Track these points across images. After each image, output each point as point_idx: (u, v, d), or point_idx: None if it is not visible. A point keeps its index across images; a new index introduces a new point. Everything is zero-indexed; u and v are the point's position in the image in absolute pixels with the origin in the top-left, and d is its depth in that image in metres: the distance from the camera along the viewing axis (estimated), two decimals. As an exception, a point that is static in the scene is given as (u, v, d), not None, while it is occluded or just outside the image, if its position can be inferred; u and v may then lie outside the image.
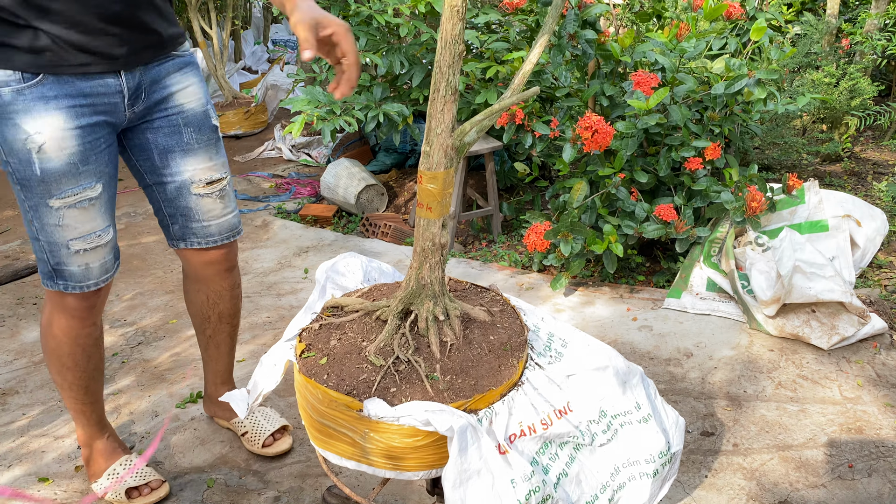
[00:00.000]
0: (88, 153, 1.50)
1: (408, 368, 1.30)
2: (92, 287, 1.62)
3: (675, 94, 2.77)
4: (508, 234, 3.46)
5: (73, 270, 1.58)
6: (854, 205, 2.87)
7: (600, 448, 1.37)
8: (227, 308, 1.93)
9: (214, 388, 2.07)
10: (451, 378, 1.29)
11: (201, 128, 1.69)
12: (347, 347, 1.36)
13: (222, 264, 1.85)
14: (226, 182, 1.77)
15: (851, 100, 3.90)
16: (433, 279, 1.34)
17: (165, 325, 2.74)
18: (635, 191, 2.79)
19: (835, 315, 2.39)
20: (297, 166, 4.62)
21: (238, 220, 1.84)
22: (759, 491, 1.82)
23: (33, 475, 1.98)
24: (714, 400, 2.17)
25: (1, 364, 2.51)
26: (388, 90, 3.32)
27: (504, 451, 1.25)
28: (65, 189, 1.49)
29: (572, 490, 1.33)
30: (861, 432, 2.01)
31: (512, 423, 1.28)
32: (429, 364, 1.31)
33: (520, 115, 2.87)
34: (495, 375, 1.30)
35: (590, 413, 1.36)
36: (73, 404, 1.80)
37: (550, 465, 1.31)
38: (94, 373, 1.78)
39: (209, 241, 1.79)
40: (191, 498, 1.88)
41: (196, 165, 1.70)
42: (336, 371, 1.31)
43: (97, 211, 1.56)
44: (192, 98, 1.68)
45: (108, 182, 1.58)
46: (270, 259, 3.26)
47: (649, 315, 2.63)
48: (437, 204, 1.30)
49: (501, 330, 1.40)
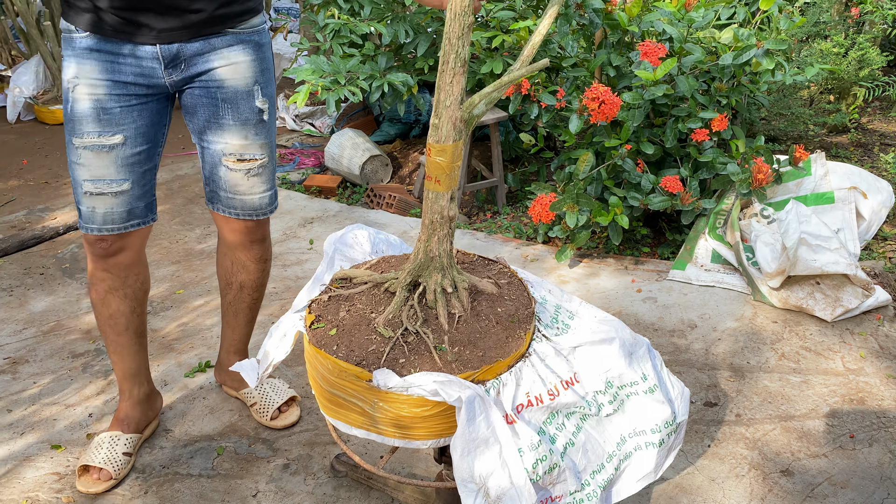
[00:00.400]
0: (113, 103, 1.62)
1: (416, 340, 1.32)
2: (94, 231, 1.70)
3: (683, 64, 2.75)
4: (513, 206, 3.46)
5: (82, 209, 1.69)
6: (860, 177, 2.86)
7: (607, 418, 1.39)
8: (250, 279, 1.95)
9: (227, 356, 2.09)
10: (459, 349, 1.30)
11: (240, 106, 1.70)
12: (356, 319, 1.37)
13: (247, 236, 1.88)
14: (259, 164, 1.77)
15: (860, 70, 3.87)
16: (441, 251, 1.35)
17: (172, 295, 2.76)
18: (641, 162, 2.78)
19: (839, 287, 2.40)
20: (300, 136, 4.60)
21: (268, 201, 1.84)
22: (760, 460, 1.85)
23: (46, 442, 2.01)
24: (717, 371, 2.19)
25: (10, 333, 2.54)
26: (393, 59, 3.29)
27: (511, 420, 1.27)
28: (86, 130, 1.62)
29: (579, 459, 1.35)
30: (863, 403, 2.03)
31: (519, 394, 1.30)
32: (437, 336, 1.32)
33: (526, 85, 2.85)
34: (503, 347, 1.32)
35: (596, 384, 1.37)
36: (107, 346, 1.92)
37: (557, 434, 1.32)
38: (110, 321, 1.84)
39: (231, 212, 1.83)
40: (201, 465, 1.91)
41: (229, 140, 1.73)
42: (346, 342, 1.32)
43: (112, 160, 1.65)
44: (237, 75, 1.68)
45: (134, 138, 1.66)
46: (275, 229, 3.27)
47: (654, 287, 2.64)
48: (445, 177, 1.30)
49: (509, 302, 1.41)
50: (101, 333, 1.89)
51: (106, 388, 2.23)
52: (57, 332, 2.53)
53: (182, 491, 1.84)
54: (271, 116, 1.77)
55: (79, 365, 2.34)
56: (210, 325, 2.53)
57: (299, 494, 1.80)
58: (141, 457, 1.95)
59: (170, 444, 1.99)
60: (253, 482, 1.85)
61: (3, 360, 2.39)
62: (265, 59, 1.73)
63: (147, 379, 1.98)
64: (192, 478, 1.87)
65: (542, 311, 1.44)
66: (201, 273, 2.90)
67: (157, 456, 1.95)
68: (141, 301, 1.87)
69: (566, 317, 1.45)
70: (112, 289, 1.80)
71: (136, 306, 1.85)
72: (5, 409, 2.16)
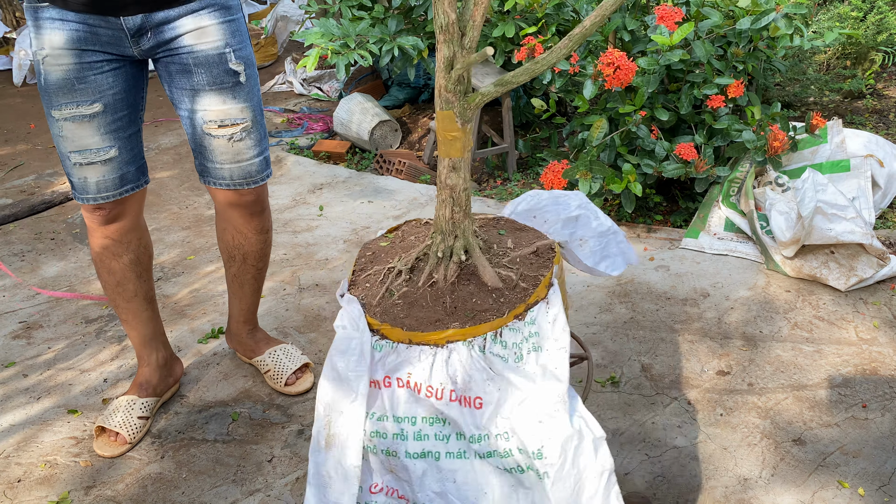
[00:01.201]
0: (86, 72, 1.60)
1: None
2: (90, 201, 1.71)
3: (700, 28, 2.69)
4: (524, 172, 3.43)
5: (74, 181, 1.70)
6: (877, 145, 2.82)
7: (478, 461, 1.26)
8: (252, 250, 1.93)
9: (237, 325, 2.10)
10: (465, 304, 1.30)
11: (214, 70, 1.66)
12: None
13: (244, 207, 1.85)
14: (241, 128, 1.72)
15: (878, 35, 3.79)
16: (468, 216, 1.34)
17: (183, 260, 2.76)
18: (655, 129, 2.75)
19: (854, 256, 2.39)
20: (308, 101, 4.56)
21: (258, 168, 1.79)
22: (773, 429, 1.86)
23: (62, 407, 2.03)
24: (730, 340, 2.19)
25: (24, 299, 2.55)
26: (403, 22, 3.24)
27: (380, 386, 1.25)
28: (62, 102, 1.61)
29: (430, 481, 1.26)
30: (876, 373, 2.03)
31: (417, 371, 1.24)
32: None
33: (539, 49, 2.81)
34: (498, 309, 1.29)
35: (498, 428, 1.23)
36: (119, 315, 1.93)
37: (426, 435, 1.24)
38: (118, 288, 1.85)
39: (221, 183, 1.79)
40: (216, 431, 1.93)
41: (207, 106, 1.69)
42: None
43: (95, 129, 1.64)
44: (206, 39, 1.64)
45: (113, 105, 1.65)
46: (285, 196, 3.26)
47: (666, 255, 2.63)
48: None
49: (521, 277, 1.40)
50: (111, 303, 1.89)
51: (120, 354, 2.24)
52: (70, 297, 2.54)
53: (198, 456, 1.86)
54: (250, 79, 1.71)
55: (92, 330, 2.36)
56: (222, 291, 2.54)
57: (314, 460, 1.82)
58: (157, 422, 1.97)
59: (185, 410, 2.01)
60: (268, 447, 1.87)
61: (17, 325, 2.40)
62: (235, 21, 1.68)
63: (164, 344, 1.99)
64: (207, 443, 1.89)
65: (515, 328, 1.27)
66: (212, 239, 2.90)
67: (172, 421, 1.97)
68: (146, 266, 1.87)
69: (531, 347, 1.27)
70: (116, 255, 1.80)
71: (141, 271, 1.86)
72: (21, 373, 2.17)
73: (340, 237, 2.87)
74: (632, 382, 2.04)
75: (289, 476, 1.78)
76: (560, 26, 3.15)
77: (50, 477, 1.81)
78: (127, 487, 1.77)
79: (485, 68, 3.37)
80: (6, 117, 4.37)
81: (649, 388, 2.01)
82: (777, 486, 1.70)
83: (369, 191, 3.25)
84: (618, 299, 2.39)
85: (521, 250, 1.42)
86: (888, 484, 1.69)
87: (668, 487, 1.71)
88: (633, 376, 2.06)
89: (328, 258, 2.72)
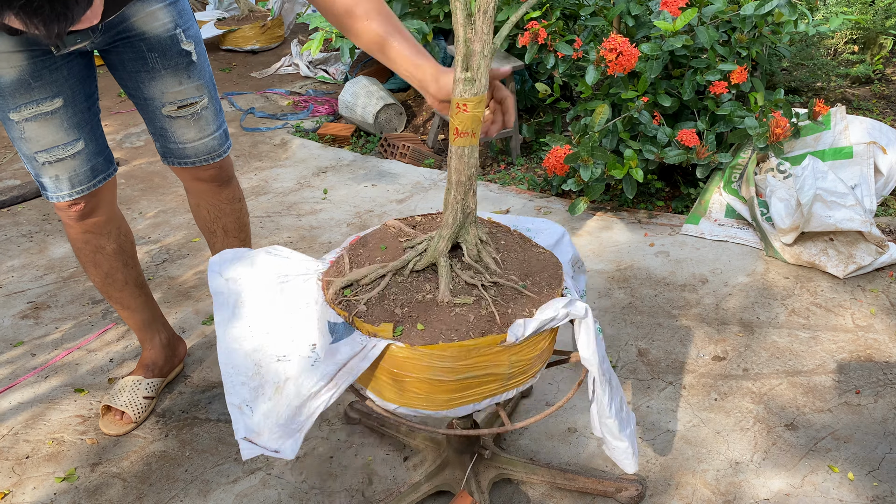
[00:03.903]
0: (41, 69, 1.55)
1: (494, 291, 1.29)
2: (67, 198, 1.68)
3: (703, 14, 2.69)
4: (527, 157, 3.44)
5: (45, 181, 1.66)
6: (881, 132, 2.82)
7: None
8: (230, 223, 1.96)
9: None
10: (527, 282, 1.32)
11: (167, 52, 1.65)
12: (420, 307, 1.28)
13: (211, 181, 1.87)
14: (199, 106, 1.73)
15: (886, 20, 3.76)
16: (475, 205, 1.32)
17: (189, 242, 2.79)
18: (658, 115, 2.75)
19: (853, 244, 2.40)
20: (314, 83, 4.57)
21: (219, 142, 1.80)
22: (766, 414, 1.88)
23: (69, 386, 2.08)
24: (727, 326, 2.21)
25: (31, 279, 2.59)
26: (408, 6, 3.24)
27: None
28: (20, 103, 1.56)
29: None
30: (870, 359, 2.05)
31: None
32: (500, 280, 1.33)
33: (542, 34, 2.81)
34: (552, 270, 1.34)
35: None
36: (113, 305, 1.94)
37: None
38: (107, 280, 1.85)
39: (186, 161, 1.80)
40: (219, 410, 1.97)
41: (164, 88, 1.69)
42: (440, 327, 1.24)
43: (58, 125, 1.60)
44: (155, 23, 1.62)
45: (72, 98, 1.60)
46: (290, 179, 3.28)
47: (666, 241, 2.64)
48: (478, 128, 1.25)
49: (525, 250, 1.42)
50: (104, 295, 1.90)
51: (126, 334, 2.28)
52: (77, 278, 2.59)
53: (201, 434, 1.90)
54: (200, 56, 1.72)
55: (98, 311, 2.40)
56: (226, 273, 2.57)
57: (314, 440, 1.86)
58: (161, 401, 2.01)
59: (189, 390, 2.05)
60: (269, 427, 1.91)
61: (25, 305, 2.44)
62: (180, 2, 1.67)
63: (164, 325, 2.03)
64: (210, 422, 1.94)
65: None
66: (217, 221, 2.93)
67: (176, 401, 2.01)
68: (130, 253, 1.88)
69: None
70: (98, 248, 1.80)
71: (127, 259, 1.86)
72: (29, 352, 2.22)
73: (344, 220, 2.90)
74: (628, 367, 2.06)
75: (289, 455, 1.82)
76: (565, 10, 3.14)
77: (57, 454, 1.86)
78: (132, 465, 1.82)
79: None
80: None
81: (645, 372, 2.04)
82: (768, 469, 1.73)
83: (373, 174, 3.27)
84: (617, 285, 2.42)
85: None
86: (878, 469, 1.72)
87: (660, 470, 1.74)
88: (629, 361, 2.08)
89: (331, 241, 2.75)
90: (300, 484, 1.74)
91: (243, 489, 1.74)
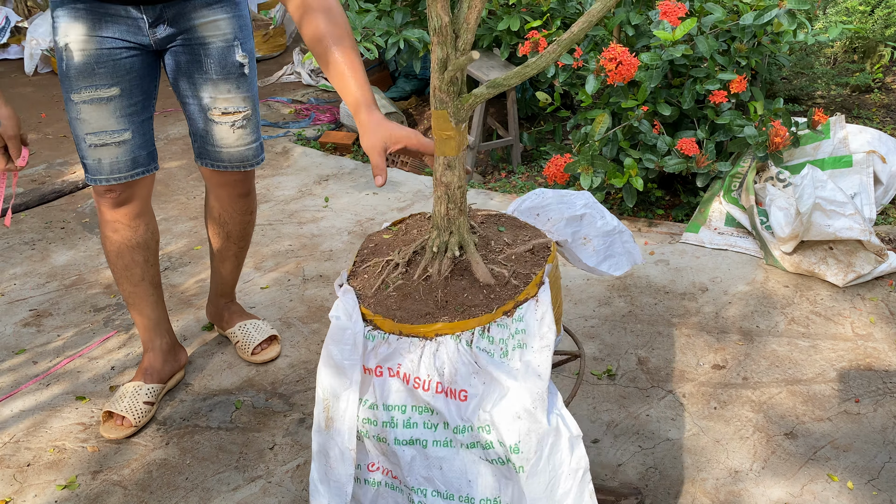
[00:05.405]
0: (105, 58, 1.70)
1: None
2: (103, 182, 1.78)
3: (703, 24, 2.70)
4: (528, 165, 3.46)
5: (88, 163, 1.77)
6: (880, 141, 2.83)
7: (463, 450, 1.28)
8: (235, 230, 2.05)
9: (215, 297, 2.24)
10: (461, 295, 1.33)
11: (222, 61, 1.80)
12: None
13: (234, 188, 1.98)
14: (242, 116, 1.86)
15: (886, 29, 3.78)
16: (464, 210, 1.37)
17: (190, 251, 2.80)
18: (658, 124, 2.76)
19: (852, 252, 2.40)
20: (316, 91, 4.59)
21: (254, 153, 1.93)
22: (765, 423, 1.89)
23: (71, 394, 2.09)
24: (727, 334, 2.21)
25: (34, 287, 2.60)
26: (409, 15, 3.26)
27: (372, 374, 1.30)
28: (82, 85, 1.70)
29: (419, 467, 1.30)
30: (870, 368, 2.05)
31: (406, 362, 1.27)
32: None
33: (543, 43, 2.82)
34: (485, 305, 1.30)
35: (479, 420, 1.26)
36: (125, 299, 2.00)
37: (416, 423, 1.28)
38: (126, 272, 1.92)
39: (219, 165, 1.92)
40: (220, 418, 1.98)
41: (214, 94, 1.82)
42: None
43: (111, 112, 1.73)
44: (217, 32, 1.77)
45: (129, 90, 1.74)
46: (291, 187, 3.29)
47: (666, 249, 2.65)
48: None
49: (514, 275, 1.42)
50: (119, 287, 1.97)
51: (127, 342, 2.29)
52: (79, 285, 2.60)
53: (202, 443, 1.90)
54: (251, 70, 1.85)
55: (100, 319, 2.41)
56: (227, 281, 2.58)
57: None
58: (162, 409, 2.02)
59: (190, 398, 2.06)
60: (270, 435, 1.92)
61: (27, 313, 2.45)
62: (242, 17, 1.82)
63: (168, 330, 2.06)
64: (211, 430, 1.94)
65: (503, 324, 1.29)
66: (218, 229, 2.94)
67: (177, 409, 2.02)
68: (153, 251, 1.95)
69: (517, 343, 1.26)
70: (125, 239, 1.88)
71: (148, 256, 1.93)
72: (31, 360, 2.23)
73: (345, 229, 2.91)
74: (628, 375, 2.07)
75: (289, 463, 1.83)
76: (566, 19, 3.16)
77: (58, 461, 1.87)
78: (133, 472, 1.83)
79: (490, 61, 3.39)
80: (17, 106, 4.42)
81: (645, 380, 2.05)
82: (767, 478, 1.73)
83: (374, 183, 3.28)
84: (617, 293, 2.42)
85: (517, 248, 1.44)
86: (877, 478, 1.72)
87: (659, 479, 1.74)
88: (629, 369, 2.09)
89: (332, 249, 2.76)
90: (300, 492, 1.75)
91: (244, 497, 1.74)
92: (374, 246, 1.50)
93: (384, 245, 1.49)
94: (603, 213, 1.54)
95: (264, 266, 2.66)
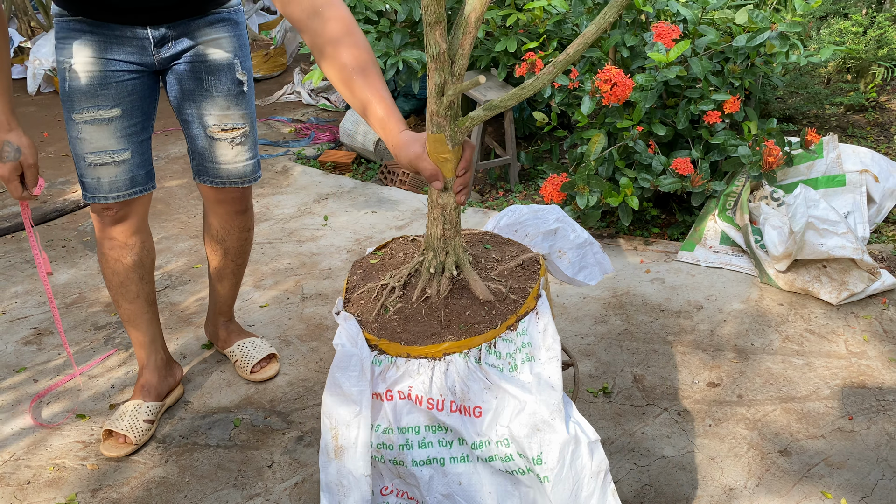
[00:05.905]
0: (109, 79, 1.74)
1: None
2: (101, 200, 1.81)
3: (697, 45, 2.75)
4: (525, 184, 3.49)
5: (87, 181, 1.80)
6: (873, 160, 2.86)
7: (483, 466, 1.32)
8: (233, 247, 2.08)
9: (214, 316, 2.26)
10: (458, 316, 1.36)
11: (223, 79, 1.84)
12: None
13: (232, 205, 2.01)
14: (241, 133, 1.90)
15: (879, 49, 3.83)
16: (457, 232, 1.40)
17: (190, 269, 2.83)
18: (653, 143, 2.80)
19: (845, 271, 2.43)
20: (316, 111, 4.64)
21: (252, 169, 1.96)
22: (759, 440, 1.90)
23: (71, 412, 2.10)
24: (722, 352, 2.23)
25: (34, 305, 2.62)
26: (408, 36, 3.31)
27: (383, 399, 1.31)
28: (84, 106, 1.74)
29: (437, 483, 1.33)
30: (863, 386, 2.07)
31: (417, 384, 1.30)
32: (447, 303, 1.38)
33: (539, 65, 2.87)
34: (487, 323, 1.34)
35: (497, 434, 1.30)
36: (121, 316, 2.02)
37: (431, 443, 1.31)
38: (121, 288, 1.94)
39: (218, 181, 1.95)
40: (219, 436, 1.99)
41: (213, 111, 1.86)
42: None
43: (112, 132, 1.77)
44: (218, 50, 1.82)
45: (130, 111, 1.78)
46: (291, 205, 3.32)
47: (662, 267, 2.68)
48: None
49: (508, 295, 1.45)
50: (114, 303, 1.99)
51: (127, 360, 2.31)
52: (79, 304, 2.62)
53: (201, 460, 1.92)
54: (250, 89, 1.90)
55: (101, 337, 2.43)
56: (227, 299, 2.60)
57: (312, 465, 1.88)
58: (161, 427, 2.03)
59: (189, 416, 2.07)
60: (268, 453, 1.93)
61: (28, 331, 2.47)
62: (242, 36, 1.87)
63: (163, 347, 2.08)
64: (210, 448, 1.96)
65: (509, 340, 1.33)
66: (218, 248, 2.96)
67: (176, 427, 2.04)
68: (149, 269, 1.97)
69: (524, 357, 1.32)
70: (121, 257, 1.91)
71: (144, 273, 1.96)
72: (32, 378, 2.24)
73: (344, 247, 2.93)
74: (623, 393, 2.08)
75: (288, 481, 1.84)
76: (562, 41, 3.20)
77: (58, 479, 1.88)
78: (132, 490, 1.84)
79: (487, 82, 3.43)
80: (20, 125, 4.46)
81: (640, 398, 2.06)
82: (761, 495, 1.74)
83: (373, 201, 3.32)
84: (613, 311, 2.44)
85: (507, 263, 1.47)
86: (870, 495, 1.73)
87: (654, 496, 1.75)
88: (624, 387, 2.11)
89: (331, 268, 2.79)
90: (298, 510, 1.76)
91: (242, 515, 1.76)
92: (363, 272, 1.52)
93: (373, 270, 1.52)
94: (574, 227, 1.59)
95: (263, 284, 2.69)
